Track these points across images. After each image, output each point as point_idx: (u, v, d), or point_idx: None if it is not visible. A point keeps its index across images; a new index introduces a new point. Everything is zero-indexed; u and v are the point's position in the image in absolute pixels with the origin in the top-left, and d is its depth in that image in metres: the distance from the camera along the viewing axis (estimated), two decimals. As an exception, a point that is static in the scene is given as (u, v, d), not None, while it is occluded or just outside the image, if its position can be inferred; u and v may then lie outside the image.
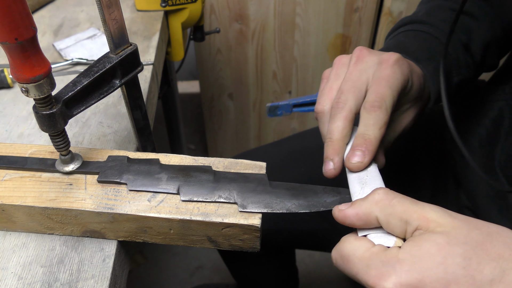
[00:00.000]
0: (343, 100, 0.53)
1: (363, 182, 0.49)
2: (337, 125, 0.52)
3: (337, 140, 0.52)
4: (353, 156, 0.51)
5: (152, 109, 0.76)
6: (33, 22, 0.40)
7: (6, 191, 0.51)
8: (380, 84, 0.52)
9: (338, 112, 0.53)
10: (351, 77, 0.54)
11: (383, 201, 0.42)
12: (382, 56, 0.55)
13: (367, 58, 0.55)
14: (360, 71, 0.54)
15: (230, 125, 1.81)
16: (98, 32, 0.88)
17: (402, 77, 0.53)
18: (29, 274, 0.49)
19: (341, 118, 0.52)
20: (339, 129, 0.52)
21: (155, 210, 0.50)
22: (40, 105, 0.46)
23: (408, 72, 0.55)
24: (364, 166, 0.50)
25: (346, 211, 0.44)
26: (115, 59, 0.51)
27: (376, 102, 0.51)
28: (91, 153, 0.56)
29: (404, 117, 0.58)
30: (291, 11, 1.49)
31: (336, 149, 0.52)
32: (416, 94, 0.57)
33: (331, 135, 0.52)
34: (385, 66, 0.53)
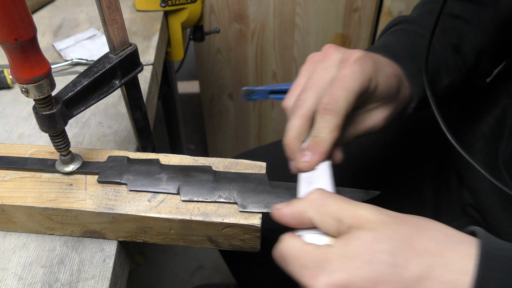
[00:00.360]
0: (303, 98, 0.53)
1: (309, 182, 0.49)
2: (293, 123, 0.52)
3: (292, 138, 0.52)
4: (302, 157, 0.51)
5: (152, 109, 0.76)
6: (32, 23, 0.40)
7: (6, 192, 0.51)
8: (335, 85, 0.51)
9: (297, 110, 0.53)
10: (314, 75, 0.55)
11: (317, 201, 0.42)
12: (344, 54, 0.54)
13: (332, 56, 0.55)
14: (324, 69, 0.54)
15: (230, 125, 1.81)
16: (97, 33, 0.88)
17: (361, 76, 0.52)
18: (29, 275, 0.49)
19: (298, 116, 0.52)
20: (295, 127, 0.52)
21: (155, 210, 0.50)
22: (40, 106, 0.46)
23: (371, 71, 0.53)
24: (311, 166, 0.51)
25: (282, 210, 0.44)
26: (115, 60, 0.51)
27: (328, 105, 0.50)
28: (91, 153, 0.56)
29: (369, 116, 0.57)
30: (290, 11, 1.49)
31: (292, 149, 0.52)
32: (384, 93, 0.56)
33: (287, 133, 0.52)
34: (344, 65, 0.52)
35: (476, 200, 0.73)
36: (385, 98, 0.56)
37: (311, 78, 0.55)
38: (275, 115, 1.77)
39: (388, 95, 0.56)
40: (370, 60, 0.54)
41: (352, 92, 0.51)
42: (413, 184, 0.84)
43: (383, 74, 0.55)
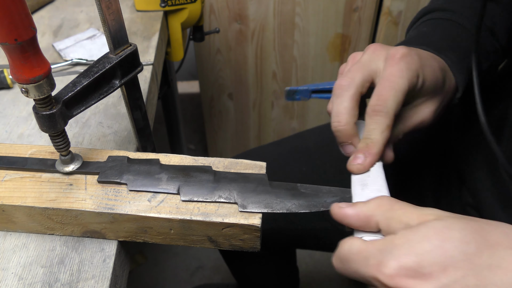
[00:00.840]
0: (351, 77, 0.53)
1: (364, 184, 0.50)
2: (344, 105, 0.52)
3: (345, 123, 0.52)
4: (355, 159, 0.51)
5: (152, 109, 0.76)
6: (32, 23, 0.40)
7: (6, 192, 0.51)
8: (383, 85, 0.51)
9: (345, 90, 0.52)
10: (361, 60, 0.55)
11: (385, 205, 0.42)
12: (389, 51, 0.54)
13: (377, 51, 0.55)
14: (370, 59, 0.54)
15: (230, 125, 1.81)
16: (97, 33, 0.88)
17: (408, 73, 0.52)
18: (29, 275, 0.49)
19: (348, 98, 0.52)
20: (346, 110, 0.52)
21: (155, 210, 0.50)
22: (40, 106, 0.46)
23: (417, 67, 0.53)
24: (365, 169, 0.51)
25: (346, 209, 0.44)
26: (115, 60, 0.51)
27: (377, 106, 0.50)
28: (91, 153, 0.56)
29: (417, 111, 0.57)
30: (290, 11, 1.49)
31: (347, 134, 0.52)
32: (432, 88, 0.56)
33: (338, 117, 0.52)
34: (390, 63, 0.52)
35: (476, 200, 0.72)
36: (432, 92, 0.56)
37: (357, 63, 0.54)
38: (275, 115, 1.77)
39: (435, 88, 0.56)
40: (415, 56, 0.54)
41: (400, 91, 0.51)
42: (413, 184, 0.84)
43: (429, 69, 0.55)
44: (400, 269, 0.36)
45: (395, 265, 0.37)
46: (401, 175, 0.84)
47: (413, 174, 0.85)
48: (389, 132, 0.51)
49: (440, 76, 0.57)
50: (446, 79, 0.59)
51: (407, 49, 0.54)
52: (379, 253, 0.38)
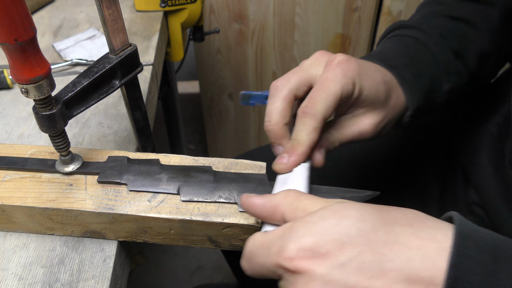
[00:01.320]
0: (286, 79, 0.53)
1: (284, 183, 0.50)
2: (274, 106, 0.52)
3: (275, 123, 0.52)
4: (280, 159, 0.51)
5: (152, 110, 0.76)
6: (32, 23, 0.40)
7: (6, 192, 0.51)
8: (315, 88, 0.52)
9: (278, 92, 0.53)
10: (302, 65, 0.55)
11: (291, 196, 0.42)
12: (330, 57, 0.54)
13: (320, 58, 0.55)
14: (311, 64, 0.55)
15: (230, 125, 1.81)
16: (97, 33, 0.88)
17: (343, 80, 0.52)
18: (29, 275, 0.49)
19: (279, 98, 0.52)
20: (276, 110, 0.52)
21: (155, 210, 0.50)
22: (40, 106, 0.46)
23: (354, 75, 0.53)
24: (287, 169, 0.51)
25: (253, 199, 0.44)
26: (115, 60, 0.51)
27: (306, 108, 0.51)
28: (91, 153, 0.56)
29: (356, 121, 0.57)
30: (290, 11, 1.49)
31: (276, 134, 0.52)
32: (371, 99, 0.55)
33: (269, 117, 0.52)
34: (327, 68, 0.52)
35: (482, 199, 0.72)
36: (372, 103, 0.56)
37: (297, 67, 0.55)
38: (275, 115, 1.77)
39: (375, 100, 0.56)
40: (354, 64, 0.54)
41: (332, 95, 0.51)
42: (418, 183, 0.84)
43: (369, 79, 0.55)
44: (299, 250, 0.37)
45: (294, 247, 0.37)
46: (406, 175, 0.84)
47: (418, 174, 0.85)
48: (317, 135, 0.51)
49: (382, 89, 0.57)
50: (392, 94, 0.58)
51: (346, 57, 0.54)
52: (280, 239, 0.38)
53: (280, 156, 0.51)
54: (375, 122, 0.57)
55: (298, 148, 0.51)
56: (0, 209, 0.51)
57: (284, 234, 0.38)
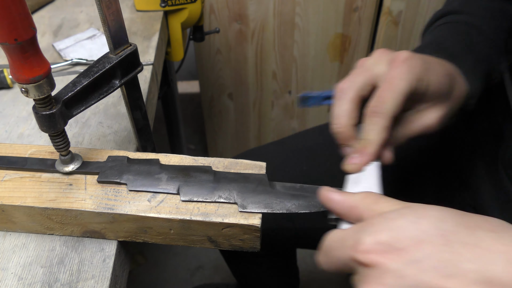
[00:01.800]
0: (351, 80, 0.53)
1: (357, 182, 0.50)
2: (342, 108, 0.53)
3: (344, 125, 0.52)
4: (350, 159, 0.52)
5: (152, 109, 0.76)
6: (32, 23, 0.40)
7: (6, 192, 0.51)
8: (383, 87, 0.52)
9: (345, 93, 0.53)
10: (364, 64, 0.55)
11: (370, 198, 0.42)
12: (393, 55, 0.54)
13: (382, 56, 0.55)
14: (374, 63, 0.55)
15: (230, 125, 1.81)
16: (97, 33, 0.88)
17: (410, 76, 0.52)
18: (29, 275, 0.49)
19: (347, 100, 0.53)
20: (345, 113, 0.52)
21: (155, 210, 0.50)
22: (40, 106, 0.46)
23: (420, 71, 0.53)
24: (359, 168, 0.51)
25: (333, 194, 0.44)
26: (115, 59, 0.51)
27: (375, 107, 0.51)
28: (91, 153, 0.56)
29: (422, 116, 0.57)
30: (290, 11, 1.49)
31: (346, 136, 0.52)
32: (437, 93, 0.55)
33: (337, 120, 0.53)
34: (392, 66, 0.52)
35: (475, 202, 0.72)
36: (437, 98, 0.56)
37: (360, 66, 0.55)
38: (275, 115, 1.77)
39: (441, 94, 0.56)
40: (419, 60, 0.54)
41: (400, 93, 0.51)
42: (414, 186, 0.84)
43: (434, 74, 0.55)
44: (375, 244, 0.36)
45: (370, 240, 0.36)
46: (403, 177, 0.84)
47: (414, 176, 0.84)
48: (387, 133, 0.51)
49: (447, 82, 0.56)
50: (455, 86, 0.58)
51: (410, 53, 0.54)
52: (356, 233, 0.38)
53: (351, 156, 0.52)
54: (439, 116, 0.57)
55: (369, 148, 0.51)
56: (0, 209, 0.51)
57: (361, 229, 0.38)
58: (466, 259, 0.34)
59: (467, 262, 0.34)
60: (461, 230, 0.35)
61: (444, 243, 0.35)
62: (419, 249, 0.35)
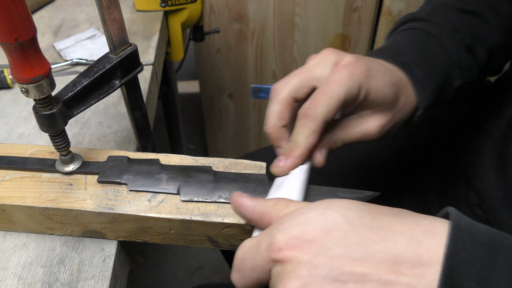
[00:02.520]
0: (286, 81, 0.53)
1: (279, 186, 0.50)
2: (273, 109, 0.52)
3: (273, 125, 0.52)
4: (276, 162, 0.51)
5: (152, 109, 0.76)
6: (32, 23, 0.40)
7: (6, 192, 0.51)
8: (318, 90, 0.51)
9: (276, 95, 0.52)
10: (306, 65, 0.54)
11: (280, 205, 0.42)
12: (338, 57, 0.53)
13: (327, 57, 0.54)
14: (316, 64, 0.54)
15: (230, 125, 1.81)
16: (97, 33, 0.88)
17: (348, 82, 0.51)
18: (29, 274, 0.49)
19: (277, 102, 0.52)
20: (274, 113, 0.52)
21: (155, 210, 0.50)
22: (40, 106, 0.46)
23: (360, 77, 0.52)
24: (284, 171, 0.51)
25: (245, 199, 0.44)
26: (115, 60, 0.51)
27: (307, 110, 0.50)
28: (91, 153, 0.56)
29: (362, 122, 0.56)
30: (290, 11, 1.49)
31: (275, 137, 0.52)
32: (378, 101, 0.54)
33: (267, 120, 0.52)
34: (333, 70, 0.52)
35: (482, 201, 0.72)
36: (379, 105, 0.55)
37: (301, 68, 0.54)
38: (275, 115, 1.77)
39: (383, 103, 0.55)
40: (362, 65, 0.53)
41: (335, 98, 0.50)
42: (418, 185, 0.84)
43: (376, 81, 0.54)
44: (287, 240, 0.37)
45: (283, 237, 0.37)
46: (407, 176, 0.84)
47: (419, 176, 0.84)
48: (316, 137, 0.51)
49: (391, 91, 0.55)
50: (401, 95, 0.57)
51: (354, 58, 0.53)
52: (267, 235, 0.39)
53: (277, 159, 0.51)
54: (381, 124, 0.56)
55: (295, 151, 0.50)
56: (0, 209, 0.51)
57: (272, 229, 0.39)
58: (372, 241, 0.36)
59: (373, 244, 0.36)
60: (366, 216, 0.37)
61: (351, 229, 0.36)
62: (328, 238, 0.36)
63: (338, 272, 0.35)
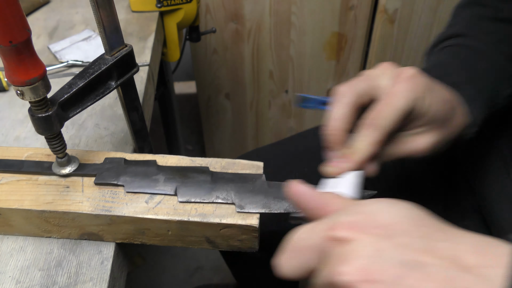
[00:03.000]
0: (352, 84, 0.52)
1: (333, 187, 0.49)
2: (338, 111, 0.52)
3: (336, 129, 0.51)
4: (333, 162, 0.51)
5: (148, 110, 0.76)
6: (27, 25, 0.40)
7: (3, 195, 0.51)
8: (384, 101, 0.51)
9: (342, 97, 0.52)
10: (368, 73, 0.54)
11: (340, 197, 0.42)
12: (399, 70, 0.53)
13: (387, 69, 0.54)
14: (377, 74, 0.54)
15: (227, 125, 1.81)
16: (93, 34, 0.88)
17: (411, 95, 0.51)
18: (27, 278, 0.49)
19: (344, 104, 0.52)
20: (339, 116, 0.51)
21: (152, 211, 0.50)
22: (36, 108, 0.45)
23: (423, 91, 0.52)
24: (339, 173, 0.51)
25: (302, 188, 0.43)
26: (111, 61, 0.50)
27: (372, 120, 0.50)
28: (87, 155, 0.56)
29: (415, 139, 0.55)
30: (286, 10, 1.49)
31: (335, 140, 0.51)
32: (434, 117, 0.54)
33: (330, 122, 0.52)
34: (396, 81, 0.52)
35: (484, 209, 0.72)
36: (434, 122, 0.55)
37: (363, 74, 0.54)
38: (272, 114, 1.77)
39: (438, 120, 0.55)
40: (424, 80, 0.53)
41: (399, 109, 0.50)
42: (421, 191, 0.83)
43: (435, 97, 0.54)
44: (352, 221, 0.36)
45: (346, 219, 0.37)
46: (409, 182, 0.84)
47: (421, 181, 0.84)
48: (378, 147, 0.51)
49: (446, 109, 0.55)
50: (455, 114, 0.57)
51: (416, 71, 0.53)
52: (329, 219, 0.38)
53: (336, 160, 0.51)
54: (433, 142, 0.56)
55: (356, 156, 0.50)
56: (-3, 212, 0.51)
57: (335, 215, 0.38)
58: (436, 238, 0.35)
59: (437, 241, 0.35)
60: (430, 217, 0.37)
61: (416, 224, 0.36)
62: (393, 227, 0.36)
63: (401, 258, 0.34)
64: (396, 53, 1.59)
